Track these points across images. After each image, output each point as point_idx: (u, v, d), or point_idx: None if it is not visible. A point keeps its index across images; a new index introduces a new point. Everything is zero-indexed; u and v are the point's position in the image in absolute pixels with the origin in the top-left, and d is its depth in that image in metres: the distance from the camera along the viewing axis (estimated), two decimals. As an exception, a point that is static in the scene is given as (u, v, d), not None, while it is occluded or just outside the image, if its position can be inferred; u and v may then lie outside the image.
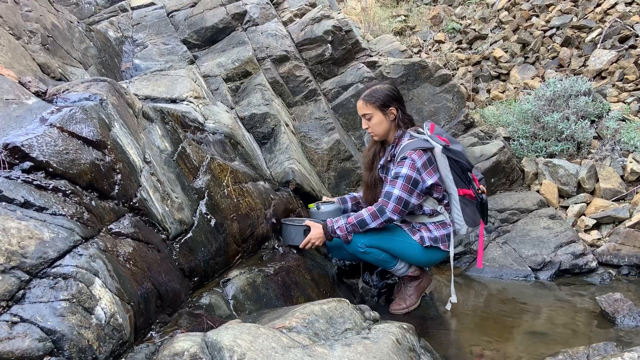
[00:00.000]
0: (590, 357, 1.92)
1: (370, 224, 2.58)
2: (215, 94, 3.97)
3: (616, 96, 4.64)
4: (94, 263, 1.60)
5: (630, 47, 4.95)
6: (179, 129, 2.66)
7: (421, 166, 2.57)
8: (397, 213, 2.56)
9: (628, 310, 2.63)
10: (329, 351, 1.53)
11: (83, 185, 1.80)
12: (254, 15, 4.53)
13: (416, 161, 2.55)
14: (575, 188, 3.96)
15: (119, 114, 2.15)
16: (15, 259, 1.42)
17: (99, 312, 1.51)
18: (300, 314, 1.75)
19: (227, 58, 4.21)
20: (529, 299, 3.05)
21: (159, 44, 4.46)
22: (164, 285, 1.95)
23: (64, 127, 1.82)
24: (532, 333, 2.56)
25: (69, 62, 3.51)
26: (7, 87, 2.05)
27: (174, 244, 2.18)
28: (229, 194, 2.67)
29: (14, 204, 1.57)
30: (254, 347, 1.42)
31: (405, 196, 2.55)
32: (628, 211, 3.58)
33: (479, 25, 6.64)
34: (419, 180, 2.58)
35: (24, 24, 3.23)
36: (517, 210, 3.87)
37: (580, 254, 3.42)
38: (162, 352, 1.41)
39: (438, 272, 3.56)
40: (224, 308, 2.19)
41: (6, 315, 1.33)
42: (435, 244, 2.68)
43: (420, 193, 2.61)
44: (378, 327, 1.87)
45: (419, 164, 2.56)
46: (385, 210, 2.55)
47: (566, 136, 4.29)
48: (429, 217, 2.72)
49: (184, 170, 2.47)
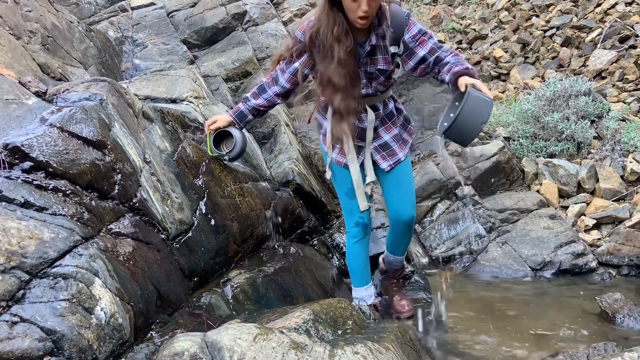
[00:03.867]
0: (590, 357, 1.92)
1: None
2: (215, 94, 3.98)
3: (616, 96, 4.63)
4: (94, 263, 1.60)
5: (630, 47, 4.95)
6: (179, 129, 2.66)
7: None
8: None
9: (628, 310, 2.63)
10: (329, 351, 1.53)
11: (83, 185, 1.80)
12: (254, 15, 4.53)
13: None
14: (575, 188, 3.96)
15: (119, 114, 2.15)
16: (15, 259, 1.42)
17: (99, 312, 1.51)
18: (301, 313, 1.75)
19: (227, 58, 4.21)
20: (528, 299, 3.05)
21: (159, 44, 4.46)
22: (164, 285, 1.95)
23: (64, 127, 1.82)
24: (532, 333, 2.56)
25: (69, 62, 3.51)
26: (7, 87, 2.05)
27: (174, 244, 2.18)
28: (229, 194, 2.67)
29: (14, 204, 1.57)
30: (254, 347, 1.42)
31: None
32: (628, 211, 3.58)
33: (479, 25, 6.64)
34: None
35: (24, 24, 3.23)
36: (517, 210, 3.86)
37: (580, 254, 3.41)
38: (162, 352, 1.41)
39: (438, 273, 3.56)
40: (224, 308, 2.19)
41: (6, 315, 1.34)
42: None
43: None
44: (379, 327, 1.87)
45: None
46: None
47: (566, 136, 4.28)
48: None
49: (184, 170, 2.47)
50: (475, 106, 1.92)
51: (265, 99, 2.46)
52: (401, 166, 2.49)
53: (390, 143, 2.46)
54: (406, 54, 2.28)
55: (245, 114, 2.50)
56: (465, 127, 1.96)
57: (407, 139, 2.54)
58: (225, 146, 2.62)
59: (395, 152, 2.47)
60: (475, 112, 1.92)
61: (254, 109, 2.49)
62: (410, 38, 2.24)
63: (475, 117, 1.93)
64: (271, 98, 2.45)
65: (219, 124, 2.52)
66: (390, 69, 2.31)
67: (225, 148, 2.61)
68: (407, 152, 2.53)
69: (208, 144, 2.57)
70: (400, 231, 2.61)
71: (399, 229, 2.60)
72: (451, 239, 3.76)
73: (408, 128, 2.55)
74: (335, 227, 3.68)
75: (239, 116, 2.51)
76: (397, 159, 2.47)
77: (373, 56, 2.27)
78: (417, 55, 2.26)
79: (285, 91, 2.43)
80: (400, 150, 2.48)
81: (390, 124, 2.47)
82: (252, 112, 2.50)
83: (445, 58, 2.23)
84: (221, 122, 2.52)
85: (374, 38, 2.22)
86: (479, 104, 1.93)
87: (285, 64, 2.38)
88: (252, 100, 2.48)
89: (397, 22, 2.22)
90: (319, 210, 3.62)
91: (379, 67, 2.28)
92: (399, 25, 2.22)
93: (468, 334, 2.60)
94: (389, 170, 2.48)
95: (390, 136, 2.46)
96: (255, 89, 2.49)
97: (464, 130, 1.98)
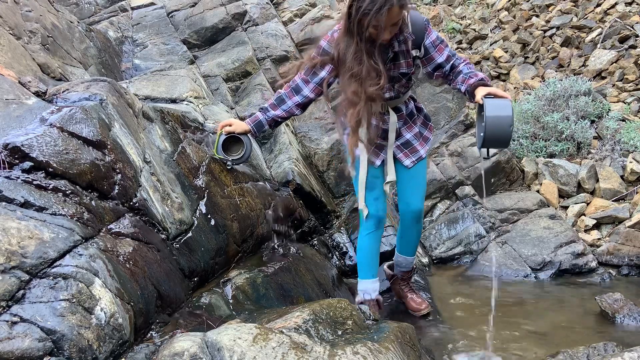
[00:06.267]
0: (590, 357, 1.92)
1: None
2: (215, 94, 3.98)
3: (616, 96, 4.64)
4: (94, 263, 1.60)
5: (630, 47, 4.95)
6: (179, 129, 2.66)
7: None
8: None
9: (628, 310, 2.63)
10: (329, 351, 1.53)
11: (83, 185, 1.80)
12: (254, 15, 4.53)
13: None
14: (575, 188, 3.96)
15: (119, 114, 2.15)
16: (15, 259, 1.42)
17: (99, 312, 1.51)
18: (301, 313, 1.75)
19: (227, 58, 4.21)
20: (528, 299, 3.05)
21: (159, 44, 4.46)
22: (164, 285, 1.95)
23: (64, 127, 1.82)
24: (532, 333, 2.56)
25: (69, 62, 3.51)
26: (7, 87, 2.05)
27: (174, 244, 2.18)
28: (229, 194, 2.67)
29: (14, 204, 1.57)
30: (254, 347, 1.42)
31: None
32: (628, 211, 3.58)
33: (479, 25, 6.64)
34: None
35: (24, 24, 3.23)
36: (517, 210, 3.86)
37: (580, 254, 3.42)
38: (162, 352, 1.41)
39: (438, 273, 3.57)
40: (224, 308, 2.18)
41: (6, 315, 1.34)
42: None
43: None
44: (379, 327, 1.87)
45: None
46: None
47: (566, 136, 4.28)
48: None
49: (184, 170, 2.47)
50: (496, 112, 2.08)
51: (284, 110, 2.50)
52: (422, 162, 2.62)
53: (412, 141, 2.57)
54: (426, 58, 2.38)
55: (263, 124, 2.54)
56: (497, 132, 2.09)
57: (428, 136, 2.65)
58: (231, 150, 2.64)
59: (417, 149, 2.59)
60: (499, 117, 2.08)
61: (272, 120, 2.53)
62: (430, 43, 2.34)
63: (501, 121, 2.08)
64: (290, 109, 2.50)
65: (234, 128, 2.54)
66: (411, 71, 2.40)
67: (231, 152, 2.63)
68: (427, 149, 2.63)
69: (216, 144, 2.58)
70: (408, 222, 2.69)
71: (407, 220, 2.69)
72: (451, 239, 3.76)
73: (429, 125, 2.66)
74: (335, 227, 3.68)
75: (257, 126, 2.54)
76: (418, 155, 2.59)
77: (396, 61, 2.35)
78: (435, 62, 2.37)
79: (307, 101, 2.48)
80: (421, 148, 2.59)
81: (412, 123, 2.58)
82: (269, 123, 2.54)
83: (460, 66, 2.34)
84: (237, 128, 2.54)
85: (396, 45, 2.30)
86: (498, 108, 2.09)
87: (309, 74, 2.42)
88: (272, 111, 2.51)
89: (417, 27, 2.31)
90: (319, 210, 3.62)
91: (402, 70, 2.37)
92: (420, 30, 2.31)
93: (468, 333, 2.60)
94: (411, 167, 2.58)
95: (412, 134, 2.57)
96: (273, 100, 2.54)
97: (498, 136, 2.11)
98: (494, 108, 2.07)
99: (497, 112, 2.07)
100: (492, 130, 2.07)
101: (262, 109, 2.57)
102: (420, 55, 2.36)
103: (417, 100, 2.63)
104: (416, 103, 2.61)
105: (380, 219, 2.62)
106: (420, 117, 2.61)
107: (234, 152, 2.64)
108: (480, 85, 2.21)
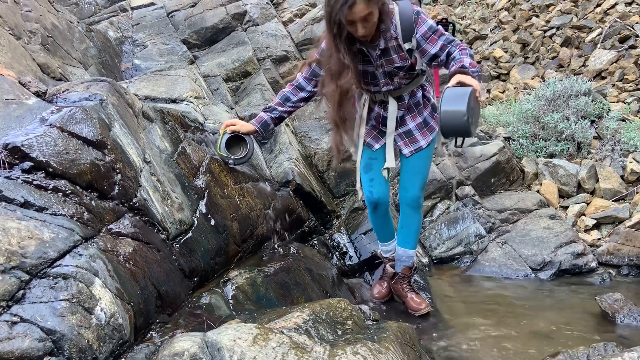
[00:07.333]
0: (590, 357, 1.92)
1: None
2: (215, 94, 3.98)
3: (616, 96, 4.64)
4: (94, 263, 1.60)
5: (630, 47, 4.95)
6: (179, 129, 2.66)
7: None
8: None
9: (628, 310, 2.63)
10: (329, 351, 1.53)
11: (83, 185, 1.80)
12: (254, 16, 4.53)
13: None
14: (575, 188, 3.96)
15: (119, 114, 2.15)
16: (15, 259, 1.42)
17: (99, 312, 1.51)
18: (301, 313, 1.75)
19: (227, 58, 4.21)
20: (528, 299, 3.05)
21: (159, 44, 4.46)
22: (164, 285, 1.95)
23: (64, 127, 1.82)
24: (532, 333, 2.56)
25: (69, 62, 3.51)
26: (7, 87, 2.05)
27: (174, 244, 2.18)
28: (229, 194, 2.67)
29: (14, 204, 1.57)
30: (254, 347, 1.42)
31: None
32: (628, 211, 3.58)
33: (479, 25, 6.64)
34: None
35: (24, 24, 3.23)
36: (517, 210, 3.86)
37: (580, 254, 3.41)
38: (162, 352, 1.41)
39: (438, 273, 3.56)
40: (224, 308, 2.18)
41: (6, 315, 1.34)
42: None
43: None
44: (379, 327, 1.87)
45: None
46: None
47: (566, 136, 4.28)
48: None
49: (184, 170, 2.47)
50: (448, 104, 2.03)
51: (290, 105, 2.63)
52: (422, 153, 2.63)
53: (414, 131, 2.61)
54: (419, 50, 2.36)
55: (268, 123, 2.63)
56: (450, 124, 2.04)
57: (434, 126, 2.65)
58: (232, 150, 2.70)
59: (417, 139, 2.62)
60: (450, 110, 2.02)
61: (278, 118, 2.64)
62: (421, 36, 2.32)
63: (453, 114, 2.02)
64: (296, 104, 2.62)
65: (238, 128, 2.62)
66: (407, 64, 2.40)
67: (233, 152, 2.70)
68: (430, 139, 2.64)
69: (220, 142, 2.62)
70: (405, 209, 2.74)
71: (404, 206, 2.75)
72: (451, 239, 3.76)
73: (434, 116, 2.66)
74: (335, 227, 3.68)
75: (263, 125, 2.63)
76: (418, 146, 2.62)
77: (387, 57, 2.37)
78: (429, 53, 2.34)
79: (310, 95, 2.61)
80: (422, 138, 2.62)
81: (417, 112, 2.60)
82: (274, 122, 2.64)
83: (454, 52, 2.29)
84: (241, 128, 2.62)
85: (382, 42, 2.33)
86: (453, 100, 2.03)
87: (309, 73, 2.56)
88: (279, 109, 2.61)
89: (406, 21, 2.31)
90: (319, 210, 3.62)
91: (396, 65, 2.39)
92: (408, 24, 2.31)
93: (468, 333, 2.60)
94: (409, 156, 2.63)
95: (415, 124, 2.61)
96: (277, 99, 2.63)
97: (452, 126, 2.06)
98: (448, 100, 2.04)
99: (449, 104, 2.03)
100: (445, 121, 2.04)
101: (267, 108, 2.65)
102: (413, 47, 2.35)
103: (427, 89, 2.62)
104: (425, 92, 2.60)
105: (375, 200, 2.71)
106: (427, 107, 2.63)
107: (234, 152, 2.71)
108: (458, 72, 2.14)
